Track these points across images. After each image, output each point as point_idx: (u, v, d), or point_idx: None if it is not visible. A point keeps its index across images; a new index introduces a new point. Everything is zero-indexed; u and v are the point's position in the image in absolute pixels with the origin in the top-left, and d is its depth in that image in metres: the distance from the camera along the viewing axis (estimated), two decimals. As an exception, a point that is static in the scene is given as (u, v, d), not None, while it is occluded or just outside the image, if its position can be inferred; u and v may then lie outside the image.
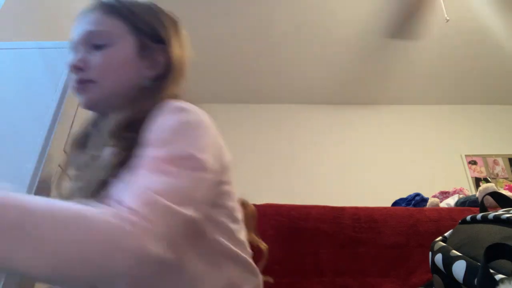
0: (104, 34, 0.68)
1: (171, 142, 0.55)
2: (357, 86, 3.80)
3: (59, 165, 0.80)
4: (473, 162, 3.66)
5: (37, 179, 0.73)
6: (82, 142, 0.70)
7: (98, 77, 0.66)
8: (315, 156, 3.67)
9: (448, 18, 2.61)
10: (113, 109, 0.64)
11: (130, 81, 0.68)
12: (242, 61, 3.41)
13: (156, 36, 0.71)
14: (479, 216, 0.78)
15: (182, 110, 0.60)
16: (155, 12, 0.73)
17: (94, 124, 0.71)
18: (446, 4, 2.70)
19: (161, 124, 0.58)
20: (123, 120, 0.61)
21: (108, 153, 0.59)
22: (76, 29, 0.69)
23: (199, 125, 0.59)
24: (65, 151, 0.82)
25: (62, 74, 0.86)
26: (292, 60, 3.49)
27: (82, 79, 0.66)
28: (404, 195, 1.96)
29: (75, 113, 0.88)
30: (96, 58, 0.66)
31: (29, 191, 0.71)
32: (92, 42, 0.67)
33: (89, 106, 0.68)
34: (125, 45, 0.68)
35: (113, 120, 0.62)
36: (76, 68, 0.66)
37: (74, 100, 0.88)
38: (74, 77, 0.67)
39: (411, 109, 3.97)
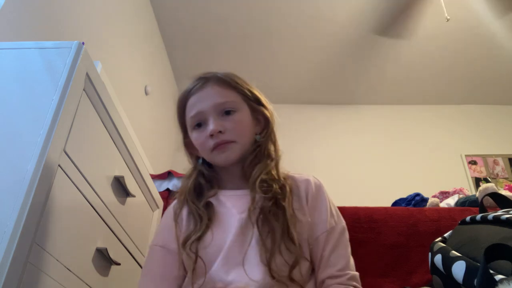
0: (231, 103, 0.84)
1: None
2: (355, 86, 3.80)
3: (59, 165, 0.80)
4: (473, 162, 3.66)
5: (37, 179, 0.73)
6: (198, 191, 0.85)
7: (237, 138, 0.82)
8: (314, 156, 3.67)
9: (448, 17, 2.61)
10: (239, 160, 0.83)
11: (252, 137, 0.86)
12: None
13: (257, 100, 0.89)
14: (478, 216, 0.78)
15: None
16: (245, 80, 0.91)
17: (201, 175, 0.87)
18: (446, 4, 2.69)
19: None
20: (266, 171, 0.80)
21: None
22: (202, 103, 0.84)
23: None
24: (65, 151, 0.82)
25: (62, 74, 0.86)
26: (285, 59, 3.50)
27: (224, 140, 0.81)
28: (404, 195, 1.95)
29: (75, 113, 0.88)
30: (230, 122, 0.82)
31: (29, 192, 0.71)
32: (223, 110, 0.83)
33: (230, 162, 0.83)
34: (245, 110, 0.86)
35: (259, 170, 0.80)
36: (218, 132, 0.81)
37: (74, 100, 0.88)
38: (214, 140, 0.81)
39: (412, 109, 3.97)
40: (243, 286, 0.70)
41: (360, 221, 1.31)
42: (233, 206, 0.81)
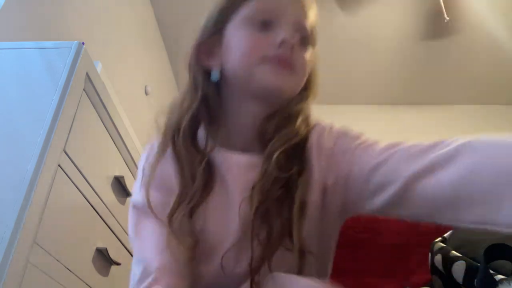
0: (314, 36, 0.64)
1: None
2: (355, 85, 3.81)
3: (59, 165, 0.80)
4: (473, 162, 3.66)
5: (37, 179, 0.73)
6: (192, 131, 0.63)
7: (298, 69, 0.61)
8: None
9: (447, 18, 2.61)
10: (275, 105, 0.62)
11: None
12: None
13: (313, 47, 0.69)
14: (478, 216, 0.78)
15: None
16: None
17: (204, 104, 0.65)
18: (445, 4, 2.69)
19: None
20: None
21: None
22: (295, 5, 0.62)
23: None
24: (65, 151, 0.82)
25: (62, 74, 0.86)
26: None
27: (292, 62, 0.60)
28: (404, 195, 1.95)
29: (75, 113, 0.88)
30: (304, 54, 0.62)
31: (29, 191, 0.71)
32: (306, 37, 0.63)
33: (278, 92, 0.60)
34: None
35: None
36: (292, 49, 0.59)
37: (74, 100, 0.88)
38: (281, 50, 0.59)
39: (412, 109, 3.97)
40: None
41: (360, 221, 1.31)
42: (234, 181, 0.59)
